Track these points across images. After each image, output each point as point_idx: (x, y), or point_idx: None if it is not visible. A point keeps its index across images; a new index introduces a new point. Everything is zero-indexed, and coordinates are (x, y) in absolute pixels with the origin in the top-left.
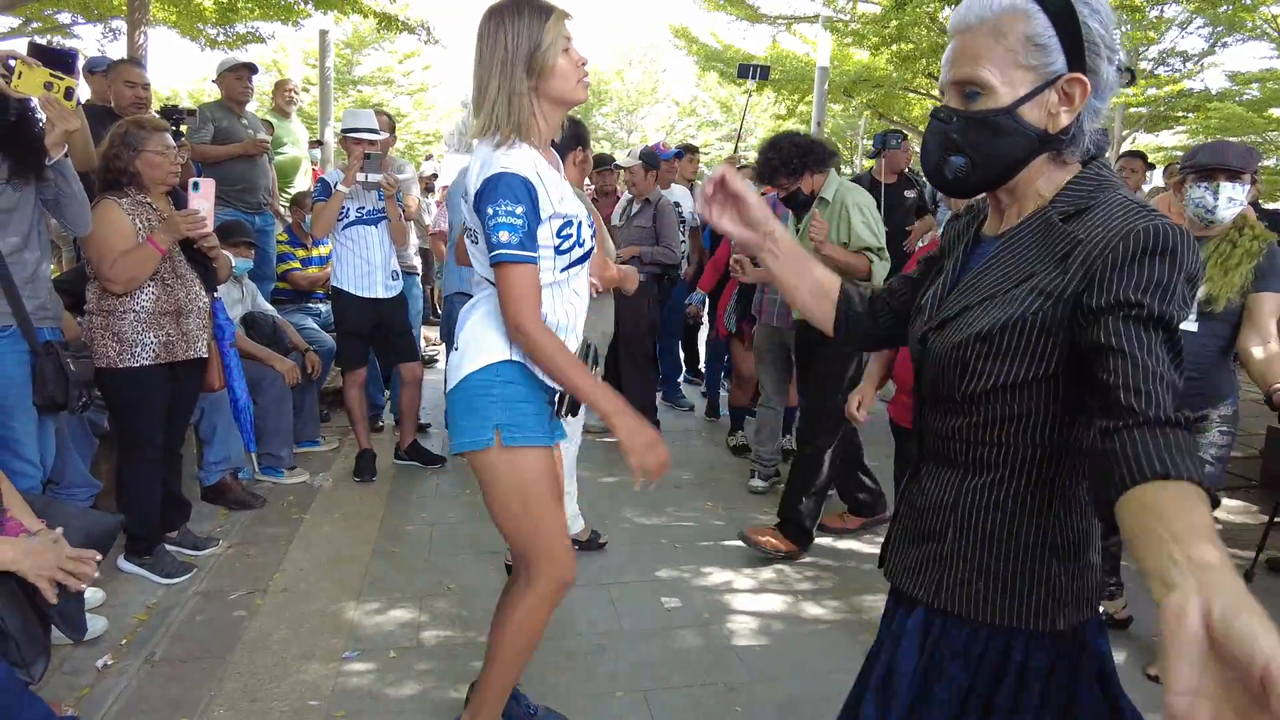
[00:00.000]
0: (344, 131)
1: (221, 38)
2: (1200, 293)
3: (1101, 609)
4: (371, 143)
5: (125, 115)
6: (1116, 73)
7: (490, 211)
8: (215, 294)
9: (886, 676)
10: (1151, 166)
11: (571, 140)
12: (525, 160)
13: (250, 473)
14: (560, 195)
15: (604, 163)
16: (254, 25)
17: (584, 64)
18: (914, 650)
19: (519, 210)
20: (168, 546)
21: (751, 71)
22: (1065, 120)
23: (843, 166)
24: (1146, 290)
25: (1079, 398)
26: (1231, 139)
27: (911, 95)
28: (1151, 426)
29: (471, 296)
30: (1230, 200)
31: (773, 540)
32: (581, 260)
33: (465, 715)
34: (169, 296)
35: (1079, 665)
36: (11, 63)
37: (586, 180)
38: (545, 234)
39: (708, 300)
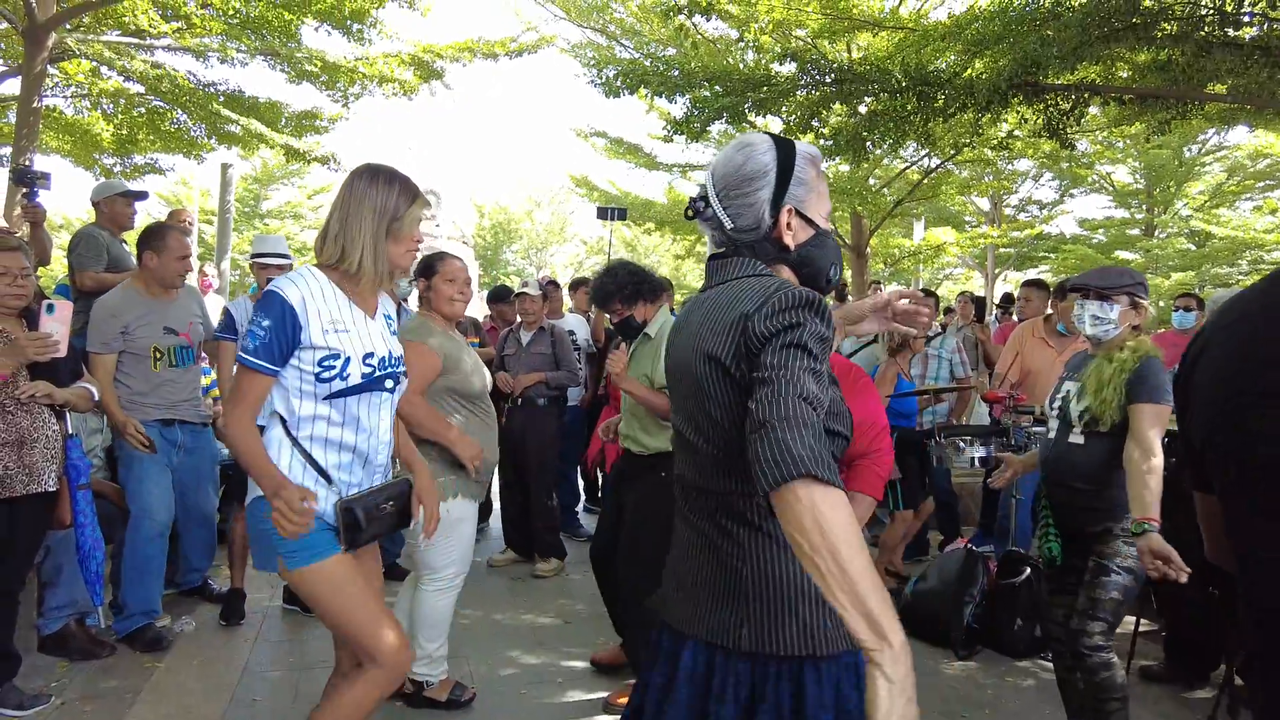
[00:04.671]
0: (254, 256)
1: (119, 168)
2: (1081, 406)
3: None
4: (279, 267)
5: None
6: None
7: (252, 318)
8: (71, 433)
9: None
10: (1047, 291)
11: (422, 268)
12: (303, 285)
13: (99, 619)
14: (329, 329)
15: (503, 296)
16: (153, 157)
17: (418, 241)
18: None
19: (265, 323)
20: None
21: (610, 213)
22: None
23: None
24: None
25: None
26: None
27: None
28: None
29: None
30: (1095, 318)
31: (623, 657)
32: (349, 392)
33: None
34: (9, 425)
35: None
36: None
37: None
38: (308, 359)
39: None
